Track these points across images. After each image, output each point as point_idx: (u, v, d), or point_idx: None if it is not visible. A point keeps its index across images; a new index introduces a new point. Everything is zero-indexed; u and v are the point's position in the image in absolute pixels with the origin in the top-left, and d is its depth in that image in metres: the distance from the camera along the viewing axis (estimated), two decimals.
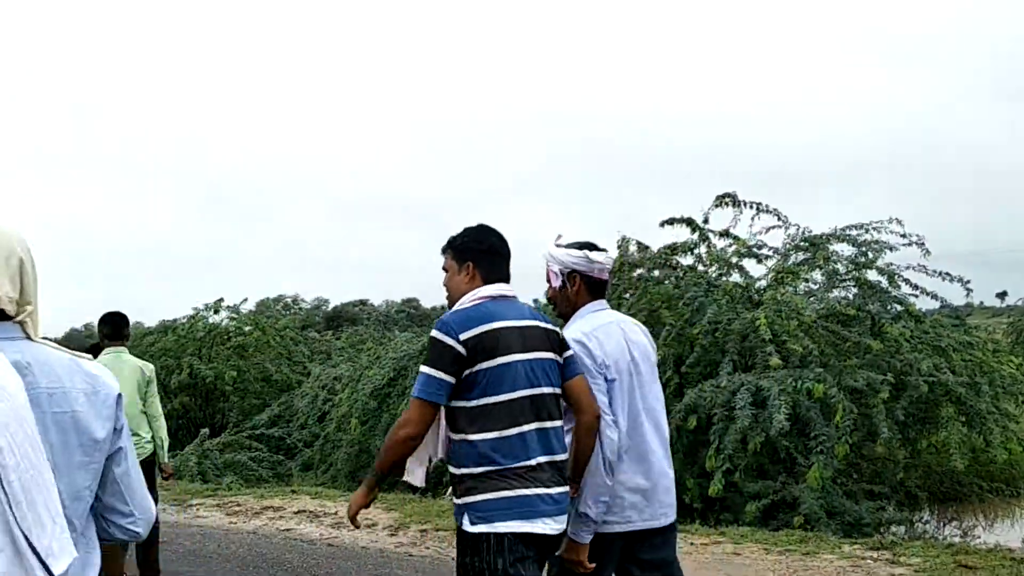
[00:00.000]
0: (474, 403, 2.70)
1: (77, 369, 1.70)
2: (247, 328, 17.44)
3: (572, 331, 3.00)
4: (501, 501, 2.64)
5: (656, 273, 10.19)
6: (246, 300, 18.72)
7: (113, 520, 1.79)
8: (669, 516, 3.04)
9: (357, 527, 3.04)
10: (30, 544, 1.34)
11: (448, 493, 3.04)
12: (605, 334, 2.98)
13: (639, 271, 10.23)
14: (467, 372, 2.68)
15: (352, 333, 22.99)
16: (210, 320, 17.60)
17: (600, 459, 2.80)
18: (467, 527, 2.67)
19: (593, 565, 2.84)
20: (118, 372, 5.62)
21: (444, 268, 2.97)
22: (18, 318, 1.63)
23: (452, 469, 2.79)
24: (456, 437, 2.75)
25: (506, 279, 2.92)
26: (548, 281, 3.13)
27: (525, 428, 2.69)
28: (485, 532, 2.63)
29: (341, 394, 12.45)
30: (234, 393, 16.73)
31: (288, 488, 10.58)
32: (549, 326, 2.88)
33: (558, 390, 2.81)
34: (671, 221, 9.97)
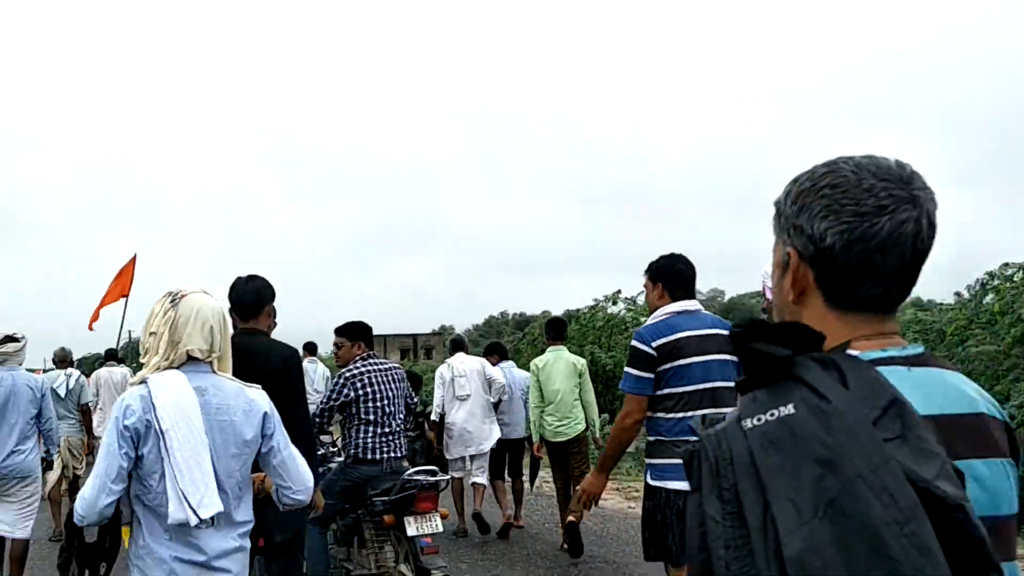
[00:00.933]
0: (660, 392, 3.64)
1: (240, 393, 2.62)
2: (643, 319, 18.01)
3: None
4: (669, 466, 3.52)
5: None
6: (642, 293, 19.34)
7: (280, 490, 2.73)
8: None
9: (587, 510, 3.91)
10: (185, 498, 2.37)
11: None
12: None
13: None
14: (659, 369, 3.63)
15: None
16: (609, 310, 18.46)
17: None
18: (648, 480, 3.68)
19: None
20: (555, 367, 6.98)
21: (644, 286, 3.98)
22: (207, 360, 2.58)
23: (648, 436, 3.78)
24: (649, 414, 3.69)
25: (691, 296, 3.80)
26: (764, 295, 4.21)
27: (698, 412, 3.40)
28: (657, 486, 3.60)
29: None
30: None
31: None
32: (726, 333, 3.58)
33: (731, 383, 3.52)
34: None
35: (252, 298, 3.99)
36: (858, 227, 1.10)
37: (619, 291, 18.51)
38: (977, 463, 1.09)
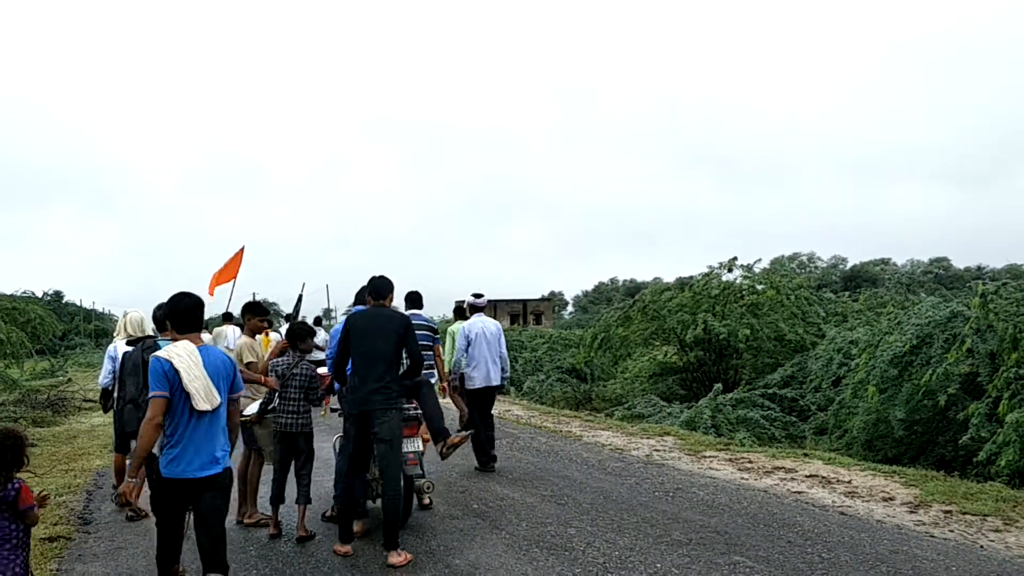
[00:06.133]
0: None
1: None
2: (760, 287, 17.49)
3: (460, 325, 9.56)
4: None
5: None
6: (759, 260, 18.77)
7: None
8: (495, 382, 9.20)
9: None
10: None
11: None
12: (470, 324, 9.28)
13: None
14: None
15: (871, 295, 21.76)
16: (724, 278, 18.01)
17: (456, 362, 9.33)
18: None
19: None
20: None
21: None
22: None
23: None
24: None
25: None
26: (467, 306, 9.70)
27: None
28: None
29: (858, 359, 11.87)
30: (747, 351, 16.96)
31: (800, 451, 10.43)
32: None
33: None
34: None
35: (382, 286, 6.43)
36: None
37: (735, 258, 18.00)
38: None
